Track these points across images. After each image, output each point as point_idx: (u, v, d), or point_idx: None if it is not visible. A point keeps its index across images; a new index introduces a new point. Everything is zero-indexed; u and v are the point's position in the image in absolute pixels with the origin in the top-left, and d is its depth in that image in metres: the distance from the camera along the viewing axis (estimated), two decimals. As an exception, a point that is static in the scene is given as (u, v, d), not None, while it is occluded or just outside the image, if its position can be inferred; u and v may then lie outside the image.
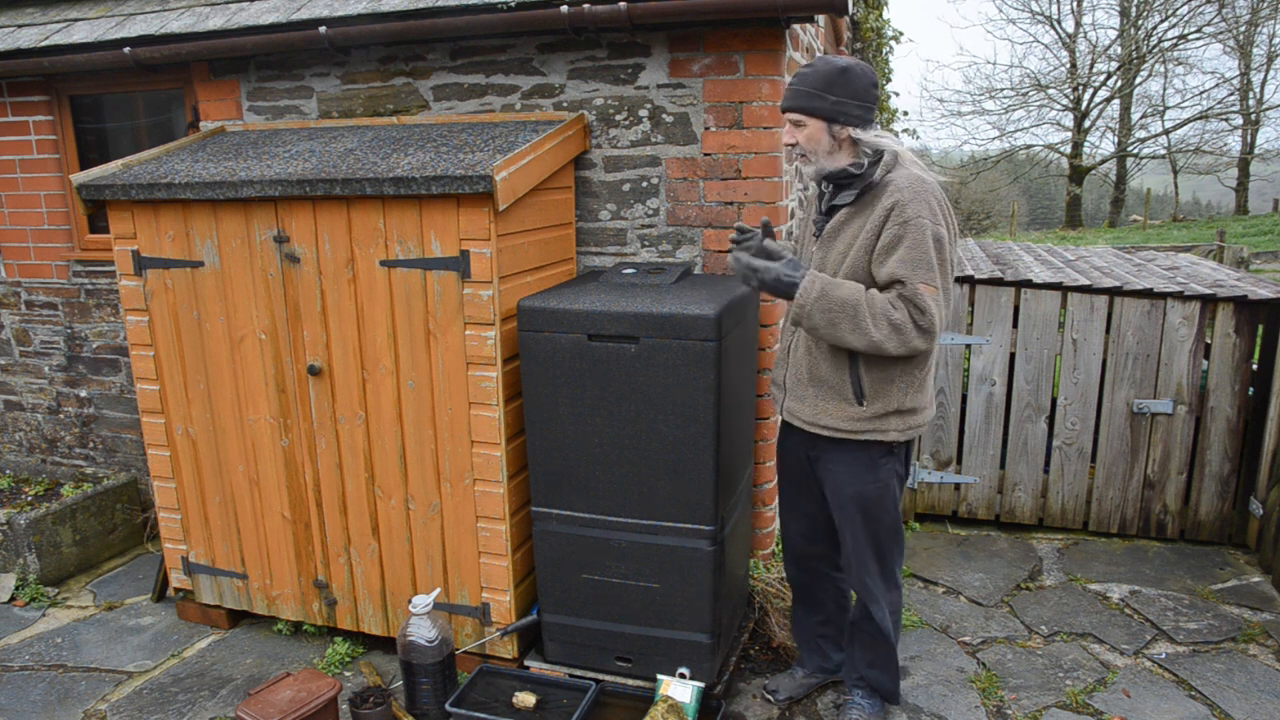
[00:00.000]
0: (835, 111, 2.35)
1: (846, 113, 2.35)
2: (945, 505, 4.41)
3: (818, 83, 2.35)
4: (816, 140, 2.39)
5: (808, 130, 2.39)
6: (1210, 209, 32.73)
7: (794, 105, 2.39)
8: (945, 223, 2.33)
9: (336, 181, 2.81)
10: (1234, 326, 3.97)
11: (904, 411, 2.47)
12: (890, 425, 2.47)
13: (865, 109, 2.37)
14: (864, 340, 2.30)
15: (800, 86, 2.38)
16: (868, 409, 2.45)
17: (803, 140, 2.41)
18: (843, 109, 2.35)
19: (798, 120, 2.40)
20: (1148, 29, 22.91)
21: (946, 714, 2.95)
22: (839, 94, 2.34)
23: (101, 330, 4.43)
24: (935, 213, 2.30)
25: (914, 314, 2.30)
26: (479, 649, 3.11)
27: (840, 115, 2.35)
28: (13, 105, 4.27)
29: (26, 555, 3.93)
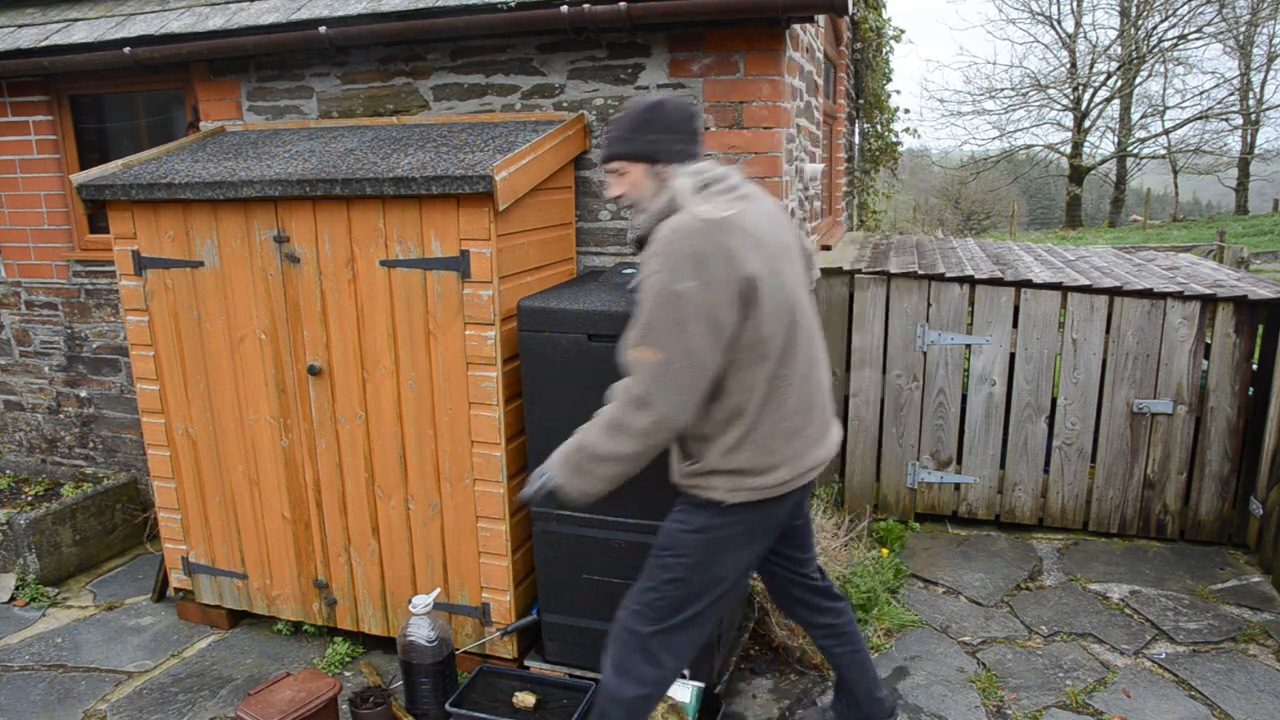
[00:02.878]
0: (653, 150, 2.16)
1: (665, 149, 2.16)
2: (945, 505, 4.41)
3: (629, 125, 2.18)
4: (640, 185, 2.19)
5: (630, 177, 2.19)
6: (1210, 209, 32.73)
7: (610, 153, 2.22)
8: (691, 273, 1.93)
9: (336, 181, 2.81)
10: (1234, 326, 3.97)
11: (734, 471, 2.12)
12: (716, 483, 2.15)
13: (685, 142, 2.18)
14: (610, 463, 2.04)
15: (614, 133, 2.21)
16: (693, 466, 2.18)
17: (628, 190, 2.21)
18: (660, 146, 2.16)
19: (618, 169, 2.21)
20: (1148, 29, 22.92)
21: (946, 714, 2.95)
22: (653, 131, 2.16)
23: (101, 330, 4.43)
24: (675, 265, 1.94)
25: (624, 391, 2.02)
26: (479, 649, 3.11)
27: (659, 154, 2.16)
28: (13, 105, 4.27)
29: (26, 555, 3.93)
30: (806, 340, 2.17)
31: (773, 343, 2.05)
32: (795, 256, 2.23)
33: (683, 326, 1.94)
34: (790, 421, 2.14)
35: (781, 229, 2.21)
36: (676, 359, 1.95)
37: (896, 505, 4.44)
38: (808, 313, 2.21)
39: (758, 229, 2.06)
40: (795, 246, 2.26)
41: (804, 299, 2.21)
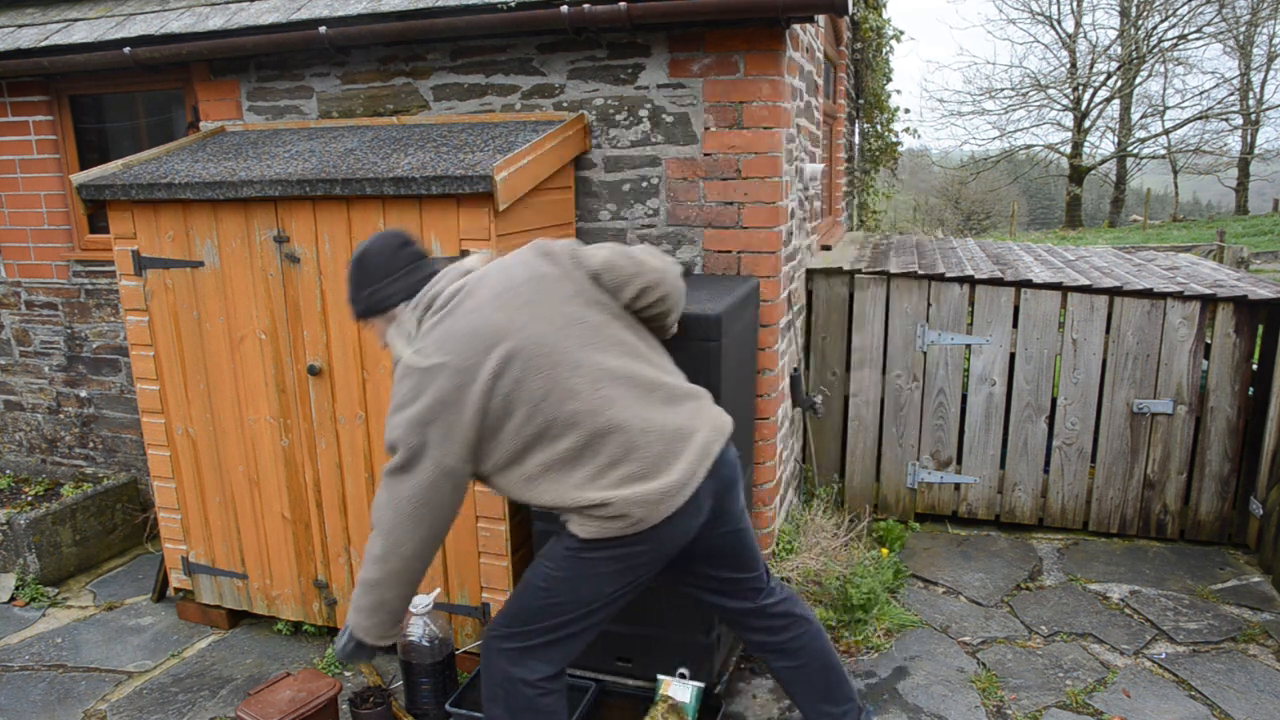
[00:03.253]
0: (376, 303, 2.18)
1: (386, 297, 2.17)
2: (945, 505, 4.41)
3: (350, 286, 2.22)
4: (385, 335, 2.21)
5: (376, 329, 2.24)
6: (1210, 209, 32.73)
7: (355, 315, 2.27)
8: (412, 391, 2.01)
9: (336, 181, 2.81)
10: (1234, 326, 3.97)
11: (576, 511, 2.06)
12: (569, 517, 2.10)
13: (401, 277, 2.17)
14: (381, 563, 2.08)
15: (348, 294, 2.26)
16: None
17: (379, 339, 2.25)
18: (379, 296, 2.17)
19: (366, 324, 2.26)
20: (1148, 29, 22.93)
21: (946, 714, 2.95)
22: (366, 285, 2.18)
23: (101, 330, 4.43)
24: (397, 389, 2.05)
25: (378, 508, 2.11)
26: (479, 649, 3.11)
27: (383, 303, 2.17)
28: (13, 105, 4.27)
29: (26, 555, 3.93)
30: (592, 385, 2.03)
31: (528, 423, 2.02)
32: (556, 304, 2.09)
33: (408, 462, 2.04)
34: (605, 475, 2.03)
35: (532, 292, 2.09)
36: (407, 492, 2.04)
37: (896, 505, 4.44)
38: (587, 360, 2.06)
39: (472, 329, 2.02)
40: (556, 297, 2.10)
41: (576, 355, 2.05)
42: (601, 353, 2.08)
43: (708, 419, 2.18)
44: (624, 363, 2.10)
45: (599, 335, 2.10)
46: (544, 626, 2.17)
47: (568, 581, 2.13)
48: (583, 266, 2.16)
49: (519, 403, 2.01)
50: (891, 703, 3.02)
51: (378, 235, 2.24)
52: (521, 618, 2.19)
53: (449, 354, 2.01)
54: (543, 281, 2.11)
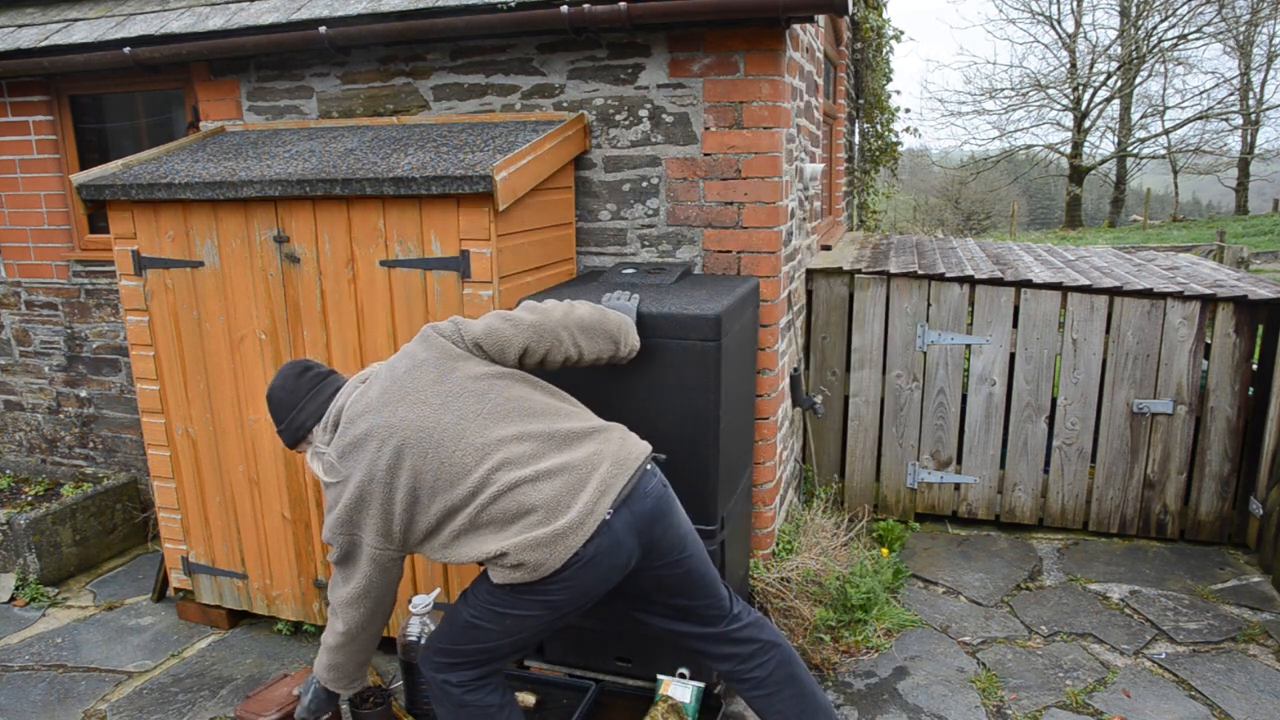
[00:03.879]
0: (293, 434, 2.32)
1: (300, 425, 2.30)
2: (945, 505, 4.41)
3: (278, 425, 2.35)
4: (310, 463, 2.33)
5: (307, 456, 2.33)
6: (1210, 209, 32.73)
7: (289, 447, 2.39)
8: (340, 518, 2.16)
9: (336, 181, 2.81)
10: (1234, 326, 3.97)
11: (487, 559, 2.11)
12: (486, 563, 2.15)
13: (306, 403, 2.29)
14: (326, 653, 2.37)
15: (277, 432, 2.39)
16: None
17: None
18: (293, 425, 2.31)
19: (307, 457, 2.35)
20: (1148, 29, 22.93)
21: (946, 714, 2.95)
22: (282, 418, 2.32)
23: (101, 330, 4.43)
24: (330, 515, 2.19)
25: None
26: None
27: (299, 430, 2.31)
28: (13, 105, 4.27)
29: (26, 555, 3.93)
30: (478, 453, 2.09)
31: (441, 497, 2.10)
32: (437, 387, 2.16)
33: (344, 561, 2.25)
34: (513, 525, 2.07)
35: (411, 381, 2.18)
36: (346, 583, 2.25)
37: (896, 505, 4.44)
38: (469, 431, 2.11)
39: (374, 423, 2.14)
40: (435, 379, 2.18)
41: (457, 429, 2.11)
42: (485, 420, 2.14)
43: (609, 455, 2.17)
44: (510, 423, 2.16)
45: (482, 403, 2.17)
46: (471, 649, 2.26)
47: (494, 616, 2.21)
48: (465, 341, 2.27)
49: (419, 487, 2.11)
50: (891, 703, 3.02)
51: (279, 371, 2.38)
52: (451, 639, 2.29)
53: (348, 467, 2.15)
54: (421, 368, 2.21)
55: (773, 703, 2.43)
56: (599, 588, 2.15)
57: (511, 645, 2.26)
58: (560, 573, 2.06)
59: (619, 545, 2.12)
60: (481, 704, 2.30)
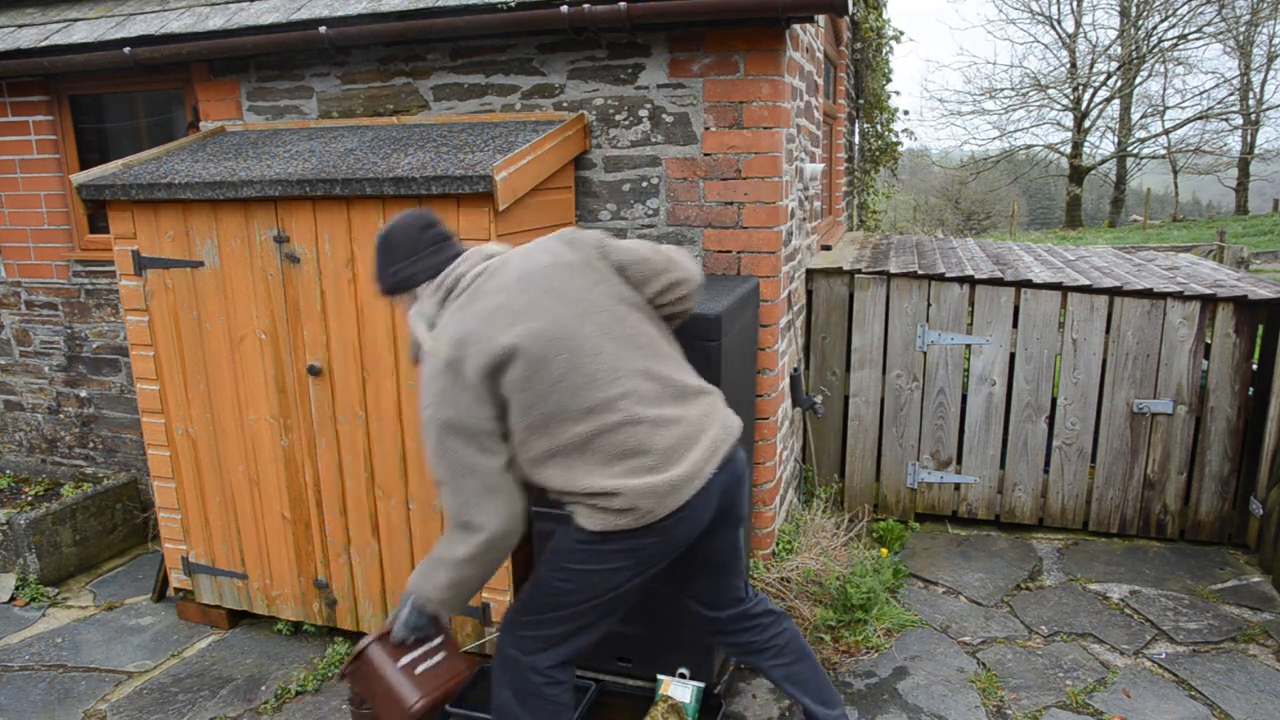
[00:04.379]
0: (402, 281, 2.21)
1: (410, 277, 2.20)
2: (945, 505, 4.41)
3: (378, 266, 2.25)
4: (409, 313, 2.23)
5: (402, 307, 2.26)
6: (1210, 209, 32.73)
7: (380, 292, 2.29)
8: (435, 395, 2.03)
9: (336, 181, 2.81)
10: (1234, 326, 3.97)
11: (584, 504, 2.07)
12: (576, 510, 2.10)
13: (425, 257, 2.19)
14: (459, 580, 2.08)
15: (373, 271, 2.30)
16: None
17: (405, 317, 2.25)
18: (404, 274, 2.20)
19: (393, 301, 2.29)
20: (1148, 29, 22.93)
21: (946, 714, 2.95)
22: (393, 263, 2.21)
23: (101, 330, 4.43)
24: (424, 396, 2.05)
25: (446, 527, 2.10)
26: (479, 649, 3.11)
27: (408, 282, 2.20)
28: (13, 105, 4.27)
29: (26, 555, 3.93)
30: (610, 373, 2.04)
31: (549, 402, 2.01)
32: (580, 290, 2.10)
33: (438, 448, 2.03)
34: (618, 464, 2.03)
35: (538, 280, 2.10)
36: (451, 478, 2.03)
37: (896, 505, 4.44)
38: (607, 348, 2.06)
39: (492, 314, 2.04)
40: (579, 284, 2.11)
41: (595, 341, 2.05)
42: (621, 344, 2.09)
43: (718, 418, 2.20)
44: (642, 356, 2.11)
45: (620, 325, 2.11)
46: (557, 617, 2.18)
47: (579, 574, 2.14)
48: (609, 257, 2.18)
49: (536, 383, 2.01)
50: (891, 703, 3.02)
51: (404, 215, 2.26)
52: (535, 607, 2.21)
53: (468, 338, 2.02)
54: (567, 269, 2.12)
55: (794, 671, 2.48)
56: (681, 546, 2.16)
57: (594, 612, 2.17)
58: (662, 522, 2.06)
59: (709, 505, 2.15)
60: (558, 702, 2.23)
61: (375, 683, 2.20)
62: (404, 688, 2.16)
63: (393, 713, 2.17)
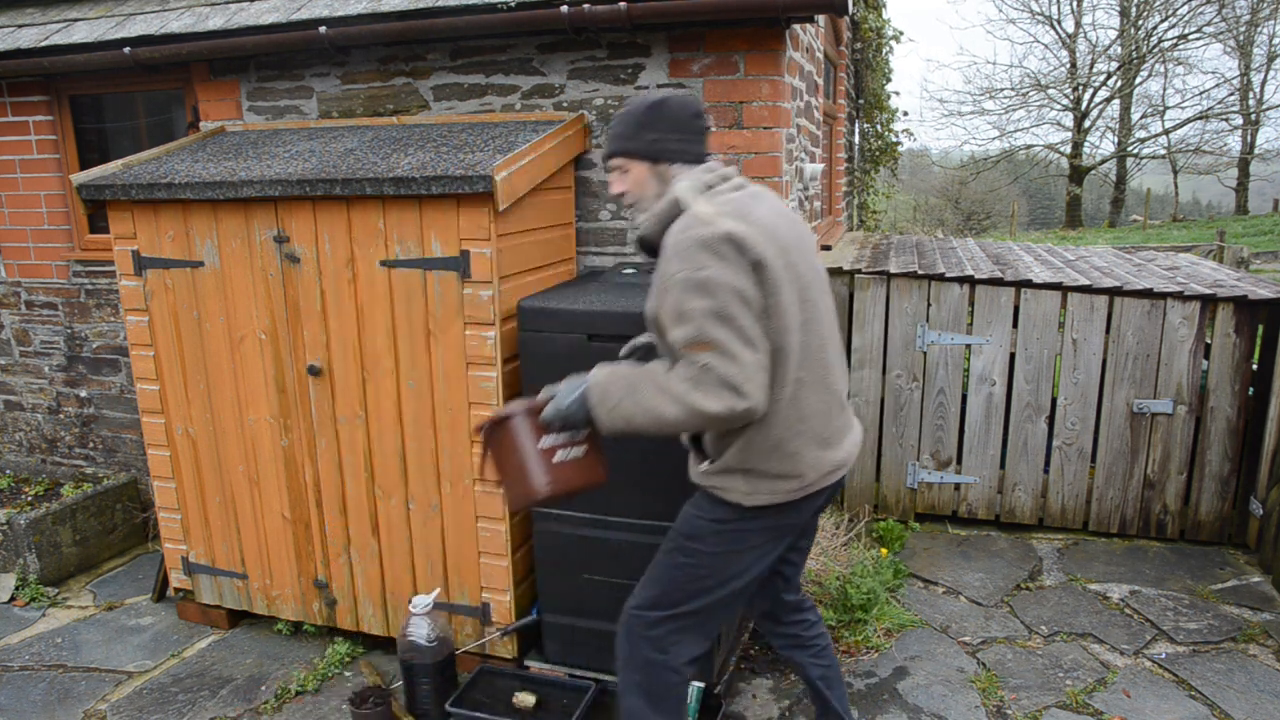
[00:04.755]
0: (655, 150, 2.11)
1: (668, 149, 2.11)
2: (945, 505, 4.41)
3: (632, 122, 2.13)
4: (642, 184, 2.13)
5: (632, 175, 2.14)
6: (1210, 209, 32.73)
7: (612, 150, 2.17)
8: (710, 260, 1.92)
9: (336, 181, 2.81)
10: (1234, 326, 3.97)
11: (748, 472, 2.07)
12: (732, 484, 2.09)
13: (691, 141, 2.13)
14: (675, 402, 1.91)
15: (616, 129, 2.16)
16: (710, 465, 2.13)
17: (630, 188, 2.15)
18: (663, 145, 2.11)
19: (620, 166, 2.16)
20: (1148, 29, 22.93)
21: (946, 714, 2.95)
22: (656, 130, 2.11)
23: (101, 330, 4.43)
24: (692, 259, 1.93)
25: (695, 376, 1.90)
26: (479, 649, 3.11)
27: (662, 153, 2.11)
28: (13, 105, 4.27)
29: (26, 555, 3.93)
30: (820, 341, 2.07)
31: (790, 336, 1.99)
32: (812, 254, 2.13)
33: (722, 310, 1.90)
34: (809, 424, 2.07)
35: (796, 225, 2.15)
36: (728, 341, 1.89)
37: (896, 505, 4.44)
38: (824, 313, 2.11)
39: (767, 223, 2.00)
40: (811, 244, 2.17)
41: (820, 299, 2.10)
42: (833, 319, 2.17)
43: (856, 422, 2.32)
44: (837, 344, 2.20)
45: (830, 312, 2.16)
46: (691, 608, 2.16)
47: (715, 555, 2.12)
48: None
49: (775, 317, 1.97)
50: (891, 703, 3.02)
51: (679, 93, 2.19)
52: (668, 600, 2.17)
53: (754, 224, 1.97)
54: (808, 238, 2.18)
55: (829, 675, 2.51)
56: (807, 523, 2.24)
57: (727, 596, 2.16)
58: (810, 497, 2.13)
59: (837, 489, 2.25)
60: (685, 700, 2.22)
61: (509, 454, 2.11)
62: (537, 470, 2.08)
63: (519, 491, 2.11)
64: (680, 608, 2.17)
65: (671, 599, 2.18)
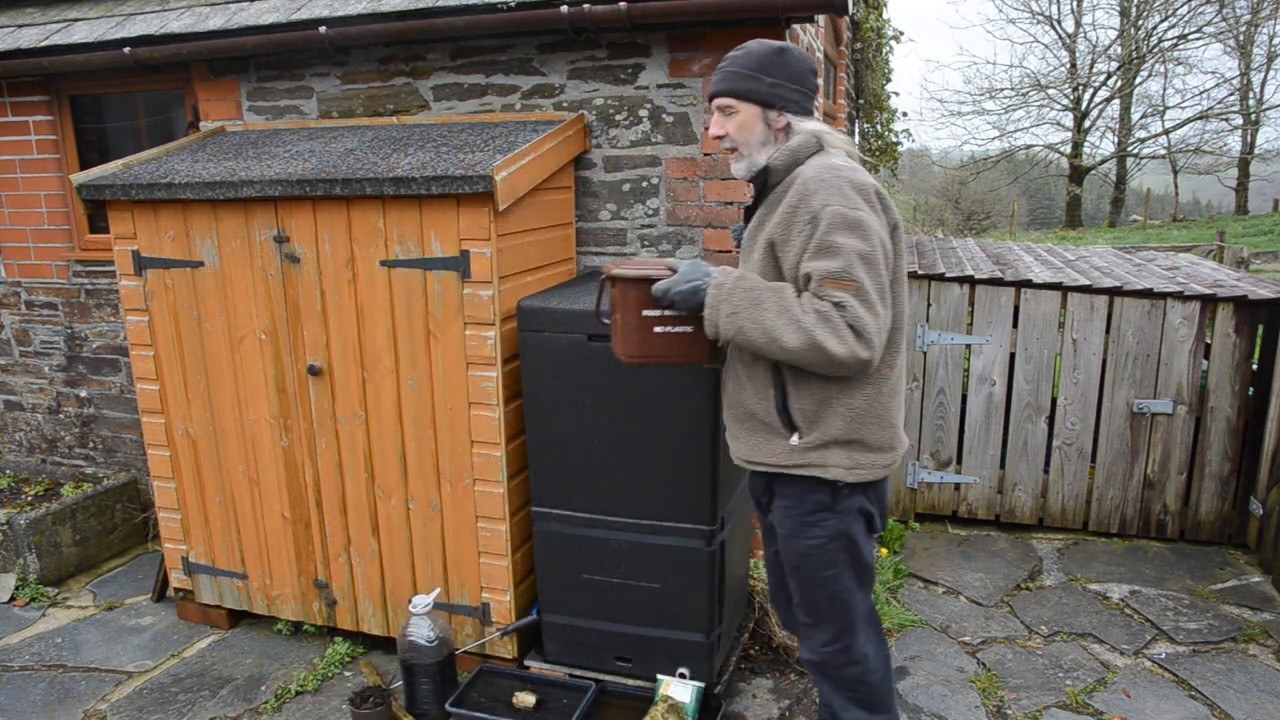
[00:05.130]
0: (771, 95, 2.03)
1: (784, 97, 2.03)
2: (945, 505, 4.41)
3: (751, 63, 2.03)
4: (749, 129, 2.05)
5: (739, 118, 2.06)
6: (1210, 209, 32.73)
7: (724, 88, 2.06)
8: (863, 204, 1.92)
9: (336, 181, 2.81)
10: (1234, 326, 3.97)
11: (851, 443, 2.01)
12: (832, 459, 2.02)
13: (805, 96, 2.07)
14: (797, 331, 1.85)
15: (731, 68, 2.05)
16: (802, 440, 2.04)
17: (733, 130, 2.07)
18: (780, 93, 2.03)
19: (728, 106, 2.06)
20: (1148, 29, 22.92)
21: (946, 714, 2.95)
22: (776, 76, 2.03)
23: (101, 330, 4.43)
24: (846, 195, 1.90)
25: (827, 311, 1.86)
26: (479, 649, 3.11)
27: (777, 100, 2.03)
28: (13, 105, 4.27)
29: (26, 555, 3.93)
30: (902, 322, 2.08)
31: (901, 305, 2.02)
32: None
33: (870, 255, 1.87)
34: (900, 398, 2.07)
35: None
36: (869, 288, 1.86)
37: (896, 505, 4.44)
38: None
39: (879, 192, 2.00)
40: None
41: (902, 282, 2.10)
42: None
43: None
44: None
45: None
46: (861, 608, 2.16)
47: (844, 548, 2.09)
48: None
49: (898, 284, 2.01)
50: (891, 703, 3.02)
51: (798, 47, 2.16)
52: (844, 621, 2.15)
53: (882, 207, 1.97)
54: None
55: None
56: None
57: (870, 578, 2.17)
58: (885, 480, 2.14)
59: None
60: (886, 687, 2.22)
61: (614, 309, 2.15)
62: (629, 335, 2.12)
63: (616, 344, 2.18)
64: (854, 617, 2.15)
65: (844, 620, 2.15)
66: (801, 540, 2.11)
